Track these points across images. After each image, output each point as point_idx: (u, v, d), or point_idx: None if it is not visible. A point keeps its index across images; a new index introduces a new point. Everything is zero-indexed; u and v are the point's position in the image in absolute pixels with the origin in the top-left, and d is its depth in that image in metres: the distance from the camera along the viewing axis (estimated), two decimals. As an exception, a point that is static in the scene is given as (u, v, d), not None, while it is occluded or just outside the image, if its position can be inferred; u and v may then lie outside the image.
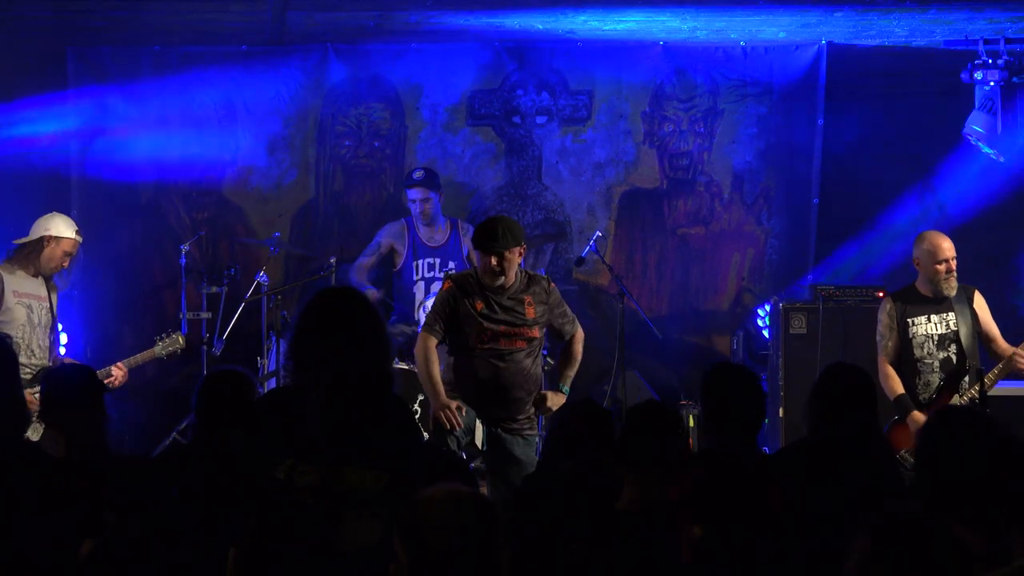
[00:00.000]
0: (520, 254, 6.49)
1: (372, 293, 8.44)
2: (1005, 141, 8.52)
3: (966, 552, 2.64)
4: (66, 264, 7.41)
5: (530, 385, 6.56)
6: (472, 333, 6.44)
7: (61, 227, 7.40)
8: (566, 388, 6.65)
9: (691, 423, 8.64)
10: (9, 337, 4.52)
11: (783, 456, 5.33)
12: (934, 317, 7.05)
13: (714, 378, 4.95)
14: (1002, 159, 8.64)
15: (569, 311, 6.74)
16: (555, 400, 6.49)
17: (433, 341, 6.48)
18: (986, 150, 8.59)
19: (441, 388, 6.41)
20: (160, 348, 7.67)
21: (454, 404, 6.37)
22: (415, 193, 8.82)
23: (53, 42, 9.13)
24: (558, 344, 6.86)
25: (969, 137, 8.63)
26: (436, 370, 6.46)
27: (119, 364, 7.52)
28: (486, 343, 6.44)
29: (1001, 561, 2.97)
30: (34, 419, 5.41)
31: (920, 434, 3.52)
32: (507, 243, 6.40)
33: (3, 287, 7.22)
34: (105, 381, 7.31)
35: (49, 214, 7.51)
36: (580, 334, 6.77)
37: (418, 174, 8.89)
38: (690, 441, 8.64)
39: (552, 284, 6.69)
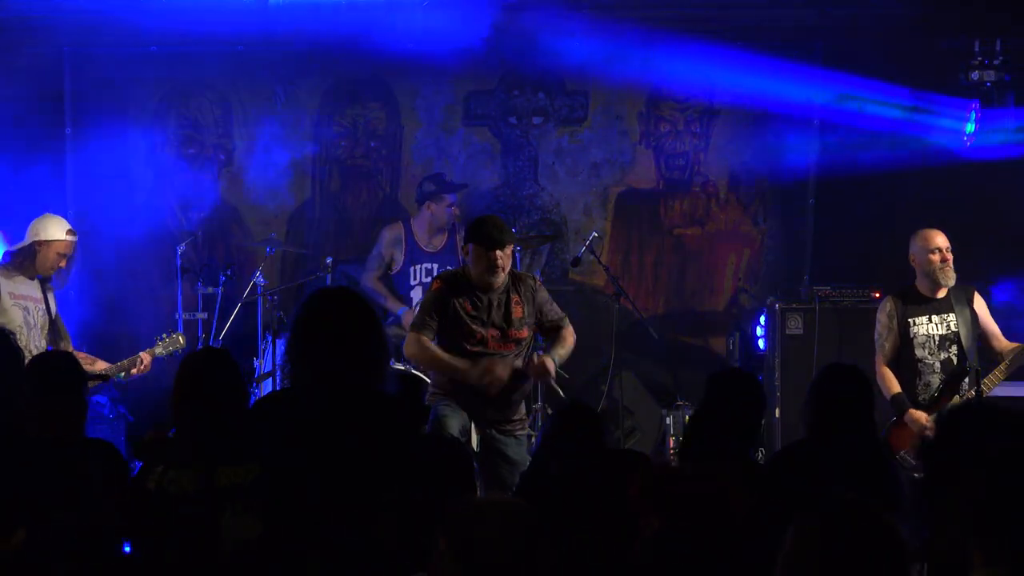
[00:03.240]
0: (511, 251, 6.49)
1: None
2: (995, 137, 8.56)
3: (898, 540, 2.60)
4: (63, 264, 7.41)
5: (523, 386, 6.53)
6: (461, 335, 6.38)
7: (51, 230, 7.38)
8: (556, 357, 6.51)
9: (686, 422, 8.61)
10: (12, 333, 4.50)
11: (781, 457, 5.32)
12: (935, 318, 7.03)
13: (716, 383, 4.94)
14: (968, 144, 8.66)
15: (558, 308, 6.69)
16: (545, 362, 6.39)
17: (426, 339, 6.40)
18: (969, 129, 8.60)
19: (459, 360, 6.34)
20: (161, 348, 7.67)
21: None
22: (455, 198, 8.86)
23: (49, 42, 9.11)
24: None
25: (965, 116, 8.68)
26: (440, 352, 6.38)
27: (147, 351, 7.57)
28: (475, 345, 6.40)
29: None
30: None
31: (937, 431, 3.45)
32: (511, 237, 6.41)
33: (-1, 289, 7.24)
34: (133, 370, 7.48)
35: (40, 217, 7.49)
36: (571, 328, 6.68)
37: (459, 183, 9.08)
38: (670, 441, 8.64)
39: (539, 282, 6.64)
